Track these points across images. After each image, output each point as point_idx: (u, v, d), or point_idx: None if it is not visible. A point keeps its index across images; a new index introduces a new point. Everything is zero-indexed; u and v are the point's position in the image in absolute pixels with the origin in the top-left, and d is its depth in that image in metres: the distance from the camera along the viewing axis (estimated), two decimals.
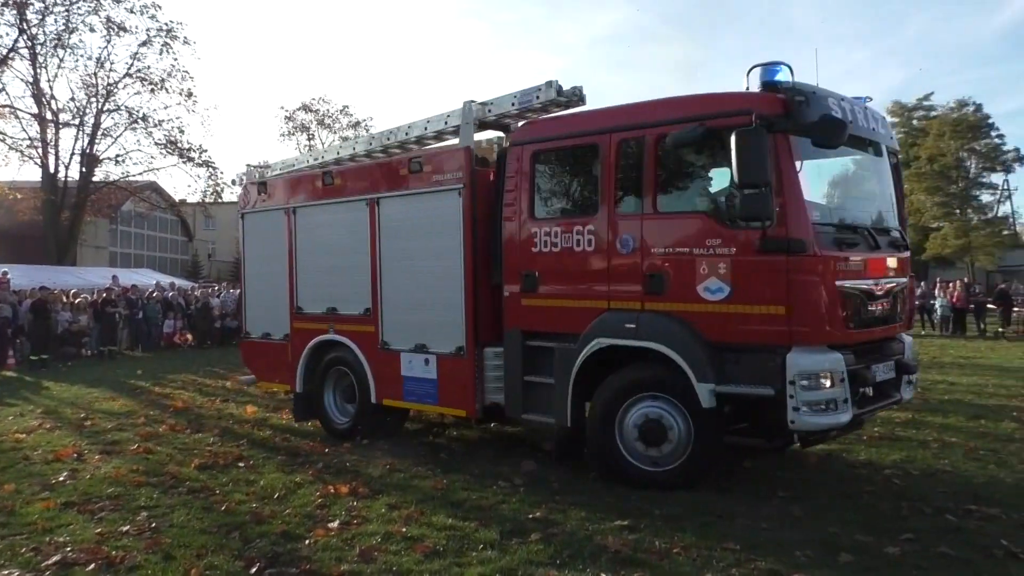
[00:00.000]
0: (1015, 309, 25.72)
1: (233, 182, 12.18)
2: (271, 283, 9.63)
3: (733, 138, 5.70)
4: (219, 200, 35.95)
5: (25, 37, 29.85)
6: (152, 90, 32.51)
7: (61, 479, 7.14)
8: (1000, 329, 24.30)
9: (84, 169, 32.22)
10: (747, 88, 6.22)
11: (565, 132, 7.33)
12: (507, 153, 7.55)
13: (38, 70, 30.57)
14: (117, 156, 33.03)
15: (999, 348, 20.14)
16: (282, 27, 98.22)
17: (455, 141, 8.49)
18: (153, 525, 5.74)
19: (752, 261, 5.98)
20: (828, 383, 5.82)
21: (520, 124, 7.91)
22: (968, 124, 41.41)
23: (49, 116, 31.36)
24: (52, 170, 31.68)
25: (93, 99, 31.73)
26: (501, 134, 8.51)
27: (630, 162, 6.62)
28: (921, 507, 5.99)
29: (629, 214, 6.63)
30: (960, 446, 8.13)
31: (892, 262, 6.80)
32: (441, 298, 7.85)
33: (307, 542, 5.33)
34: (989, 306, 26.01)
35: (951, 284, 27.37)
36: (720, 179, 6.35)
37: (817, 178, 6.65)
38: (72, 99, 31.83)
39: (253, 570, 4.84)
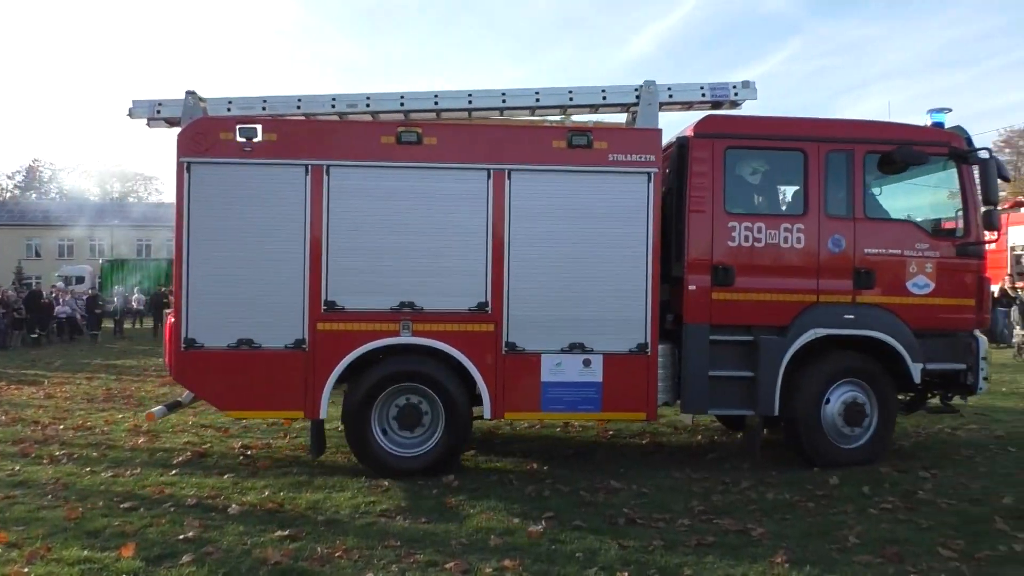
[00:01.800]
0: None
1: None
2: (257, 267, 6.96)
3: (979, 166, 7.38)
4: None
5: None
6: None
7: None
8: None
9: None
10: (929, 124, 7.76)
11: (767, 133, 7.52)
12: (690, 144, 7.39)
13: None
14: None
15: None
16: None
17: (594, 116, 8.19)
18: None
19: (953, 263, 7.44)
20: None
21: (704, 116, 7.73)
22: None
23: None
24: None
25: None
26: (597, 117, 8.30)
27: (839, 170, 7.39)
28: (560, 488, 6.66)
29: (839, 217, 7.37)
30: (594, 428, 9.21)
31: None
32: (613, 291, 7.11)
33: None
34: None
35: None
36: (918, 192, 7.98)
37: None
38: None
39: None
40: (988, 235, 7.54)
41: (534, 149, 7.07)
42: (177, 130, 7.12)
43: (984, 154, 7.40)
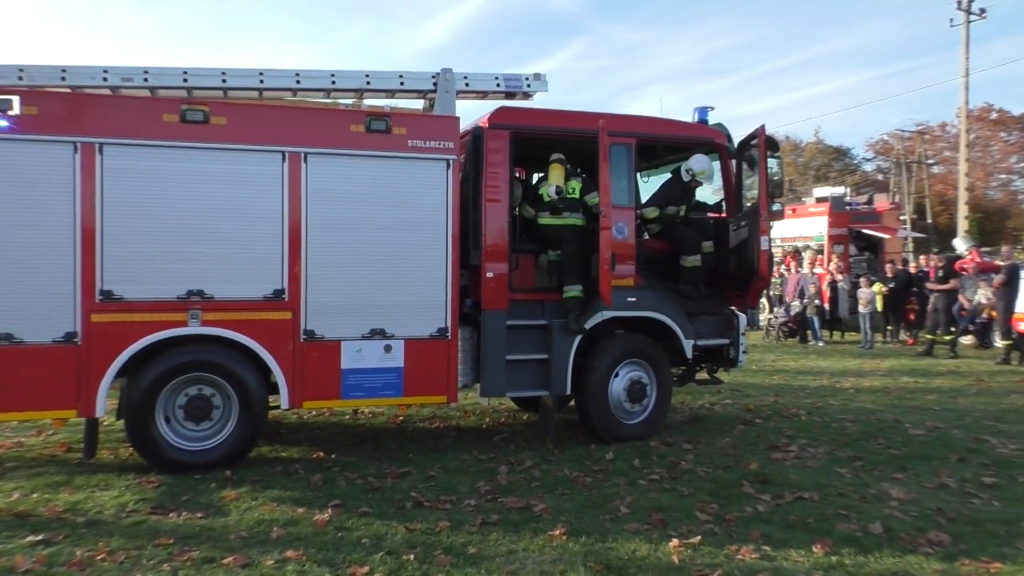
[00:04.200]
0: None
1: None
2: (17, 254, 6.12)
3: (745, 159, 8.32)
4: None
5: None
6: None
7: None
8: None
9: None
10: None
11: (557, 125, 7.84)
12: (485, 134, 7.45)
13: None
14: None
15: None
16: None
17: (389, 102, 8.22)
18: None
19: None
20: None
21: (498, 107, 7.79)
22: None
23: None
24: None
25: None
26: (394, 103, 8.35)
27: (620, 162, 7.81)
28: (348, 475, 6.58)
29: (621, 206, 7.72)
30: (384, 415, 9.18)
31: None
32: (413, 276, 7.03)
33: None
34: None
35: None
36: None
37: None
38: None
39: None
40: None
41: (331, 132, 6.90)
42: None
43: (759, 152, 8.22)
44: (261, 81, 7.68)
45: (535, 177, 9.75)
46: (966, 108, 33.87)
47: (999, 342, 15.14)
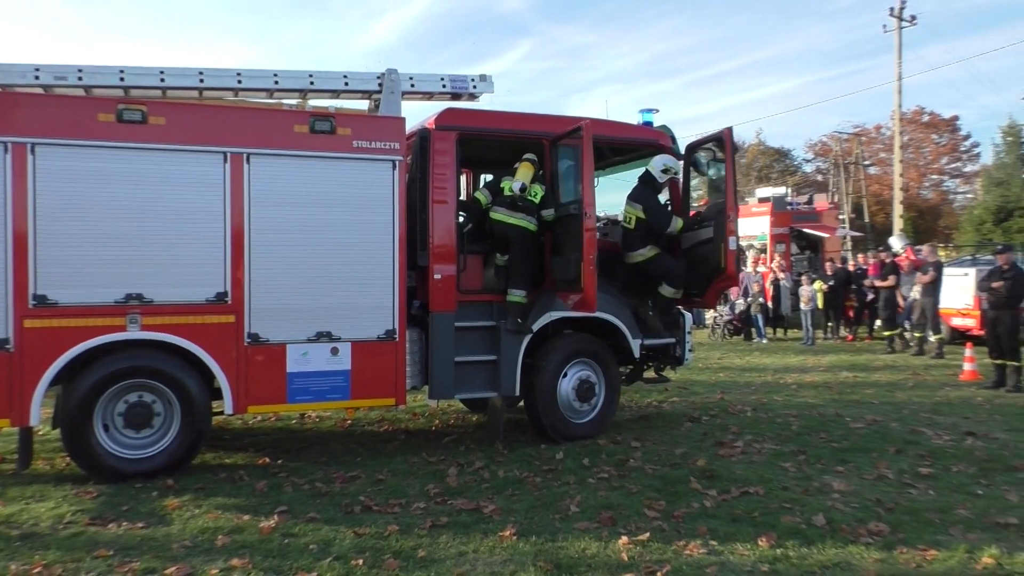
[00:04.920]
0: None
1: None
2: None
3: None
4: None
5: None
6: None
7: None
8: None
9: None
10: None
11: (504, 127, 7.88)
12: (432, 135, 7.42)
13: None
14: None
15: None
16: None
17: (334, 103, 8.09)
18: None
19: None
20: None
21: (444, 109, 7.73)
22: None
23: None
24: None
25: None
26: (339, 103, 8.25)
27: (568, 162, 7.91)
28: (295, 480, 6.48)
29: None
30: (331, 419, 9.06)
31: None
32: (360, 278, 6.96)
33: None
34: None
35: None
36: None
37: None
38: None
39: None
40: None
41: (275, 133, 6.78)
42: None
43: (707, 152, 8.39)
44: (201, 81, 7.52)
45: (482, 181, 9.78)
46: (900, 111, 34.95)
47: (932, 337, 15.64)
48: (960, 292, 16.37)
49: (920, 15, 34.21)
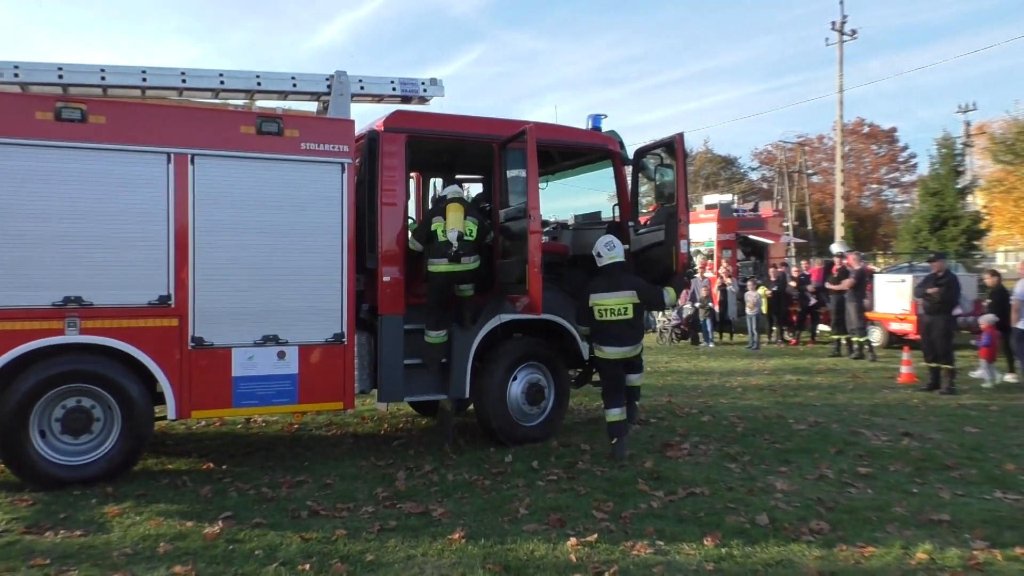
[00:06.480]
0: None
1: None
2: None
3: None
4: None
5: None
6: None
7: None
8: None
9: None
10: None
11: (454, 130, 7.89)
12: (380, 138, 7.33)
13: None
14: None
15: None
16: None
17: (282, 104, 7.88)
18: None
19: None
20: None
21: (394, 111, 7.62)
22: None
23: None
24: None
25: None
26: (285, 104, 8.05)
27: (516, 166, 7.67)
28: (240, 486, 6.38)
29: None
30: (278, 423, 8.94)
31: None
32: (308, 281, 6.89)
33: None
34: None
35: None
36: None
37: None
38: None
39: None
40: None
41: (220, 134, 6.67)
42: None
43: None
44: (144, 79, 7.35)
45: (432, 184, 9.76)
46: (841, 122, 35.89)
47: (857, 339, 16.01)
48: (897, 298, 16.87)
49: (860, 30, 35.12)
